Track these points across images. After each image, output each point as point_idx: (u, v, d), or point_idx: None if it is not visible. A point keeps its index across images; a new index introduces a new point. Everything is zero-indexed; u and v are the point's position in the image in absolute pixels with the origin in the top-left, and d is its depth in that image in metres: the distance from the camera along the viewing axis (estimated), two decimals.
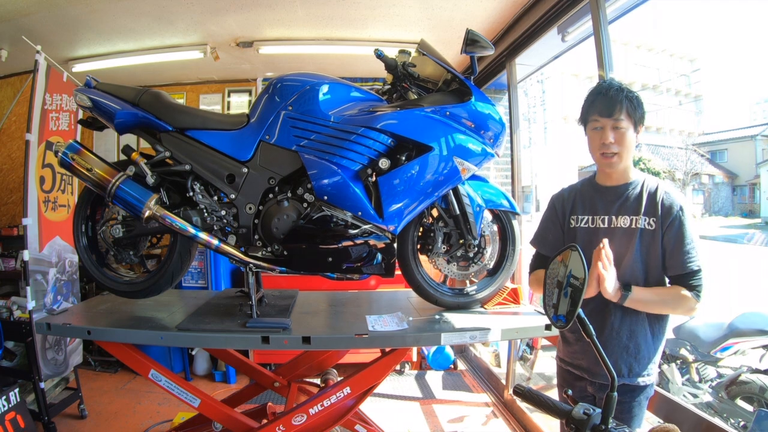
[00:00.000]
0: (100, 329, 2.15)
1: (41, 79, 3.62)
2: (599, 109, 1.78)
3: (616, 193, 1.85)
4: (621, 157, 1.79)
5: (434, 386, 4.75)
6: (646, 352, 1.80)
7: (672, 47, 35.45)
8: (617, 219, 1.82)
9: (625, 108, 1.74)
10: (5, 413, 2.96)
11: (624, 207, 1.82)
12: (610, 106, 1.75)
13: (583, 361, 1.91)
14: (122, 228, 2.28)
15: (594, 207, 1.89)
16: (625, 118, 1.74)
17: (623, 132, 1.76)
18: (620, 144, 1.77)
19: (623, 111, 1.74)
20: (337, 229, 2.10)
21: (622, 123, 1.75)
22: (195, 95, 5.78)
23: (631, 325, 1.80)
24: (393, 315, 2.26)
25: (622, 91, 1.76)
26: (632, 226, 1.79)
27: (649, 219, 1.76)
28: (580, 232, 1.92)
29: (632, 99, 1.75)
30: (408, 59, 2.22)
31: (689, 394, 3.66)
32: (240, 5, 3.72)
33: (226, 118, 2.29)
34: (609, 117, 1.76)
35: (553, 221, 2.02)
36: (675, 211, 1.74)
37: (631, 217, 1.80)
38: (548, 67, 4.47)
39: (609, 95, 1.77)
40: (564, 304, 1.29)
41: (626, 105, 1.74)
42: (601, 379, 1.84)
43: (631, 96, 1.75)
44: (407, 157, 2.06)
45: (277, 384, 2.87)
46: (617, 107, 1.74)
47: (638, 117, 1.77)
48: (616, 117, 1.75)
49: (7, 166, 5.44)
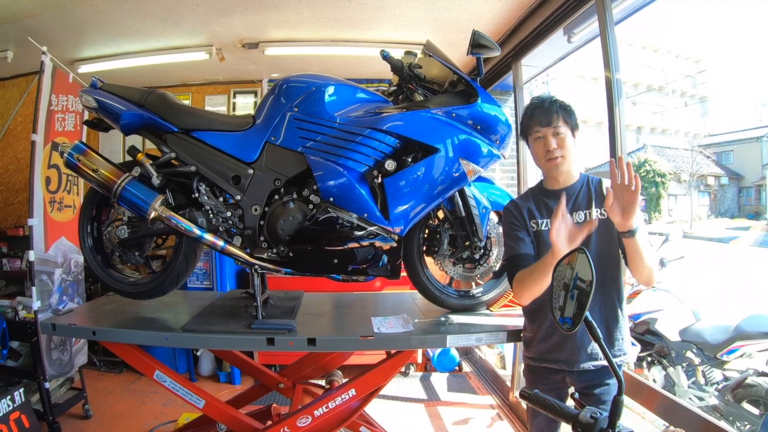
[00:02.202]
0: (105, 330, 2.16)
1: (47, 80, 3.63)
2: (539, 120, 1.93)
3: (566, 193, 1.91)
4: (565, 158, 1.93)
5: (439, 388, 4.74)
6: (617, 333, 1.91)
7: (678, 48, 35.33)
8: (573, 216, 1.89)
9: (561, 116, 1.91)
10: (10, 413, 2.97)
11: (576, 204, 1.94)
12: (548, 115, 1.91)
13: (561, 354, 1.92)
14: (127, 229, 2.28)
15: (549, 209, 1.94)
16: (563, 125, 1.91)
17: (563, 137, 1.91)
18: (562, 148, 1.91)
19: (560, 119, 1.90)
20: (343, 231, 2.09)
21: (560, 129, 1.90)
22: (200, 96, 5.78)
23: (604, 311, 1.90)
24: (398, 317, 2.25)
25: (556, 103, 1.93)
26: (587, 219, 1.90)
27: (601, 209, 1.88)
28: (544, 234, 1.94)
29: (566, 108, 1.93)
30: (414, 60, 2.22)
31: (695, 397, 3.64)
32: (245, 6, 3.73)
33: (232, 119, 2.29)
34: (548, 126, 1.91)
35: (517, 225, 2.00)
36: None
37: (585, 211, 1.92)
38: (554, 68, 4.45)
39: (545, 107, 1.93)
40: (570, 306, 1.28)
41: (562, 114, 1.91)
42: (578, 367, 1.90)
43: (565, 105, 1.93)
44: (413, 158, 2.05)
45: (281, 385, 2.86)
46: (554, 116, 1.90)
47: (573, 123, 1.93)
48: (554, 125, 1.90)
49: (13, 166, 5.46)
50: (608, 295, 1.90)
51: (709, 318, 3.89)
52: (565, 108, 1.93)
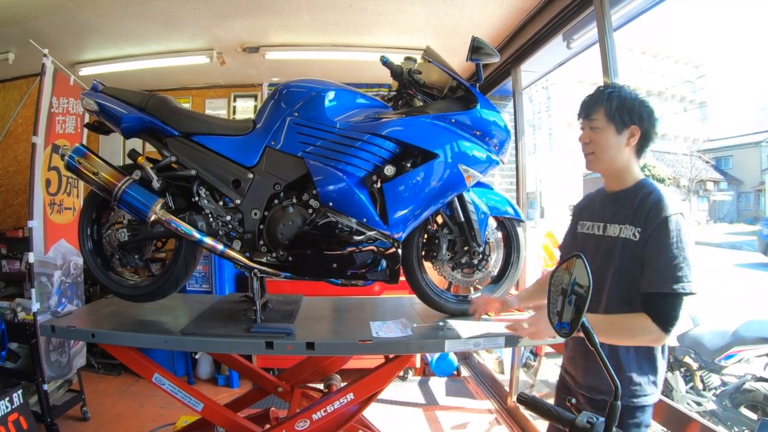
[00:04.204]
0: (104, 332, 2.15)
1: (48, 82, 3.64)
2: (580, 110, 1.82)
3: (614, 199, 1.80)
4: (598, 157, 1.78)
5: (437, 392, 4.74)
6: (627, 369, 1.70)
7: (677, 53, 35.44)
8: (609, 227, 1.78)
9: (604, 108, 1.73)
10: (8, 414, 2.97)
11: (617, 214, 1.76)
12: (588, 106, 1.78)
13: (572, 370, 1.90)
14: (127, 232, 2.28)
15: (595, 213, 1.88)
16: (602, 118, 1.73)
17: (599, 132, 1.74)
18: (596, 144, 1.76)
19: (600, 111, 1.73)
20: (342, 236, 2.10)
21: (597, 123, 1.74)
22: (201, 100, 5.80)
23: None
24: (397, 321, 2.25)
25: (604, 93, 1.75)
26: (619, 235, 1.72)
27: (635, 229, 1.66)
28: (580, 237, 1.93)
29: (616, 100, 1.71)
30: (413, 66, 2.22)
31: (693, 402, 3.65)
32: (246, 11, 3.74)
33: (232, 123, 2.30)
34: (586, 118, 1.78)
35: (569, 227, 2.05)
36: (660, 218, 1.60)
37: (620, 226, 1.73)
38: (553, 73, 4.47)
39: (592, 96, 1.79)
40: (568, 311, 1.29)
41: (605, 105, 1.72)
42: (585, 391, 1.81)
43: (622, 96, 1.72)
44: (412, 164, 2.06)
45: (280, 389, 2.86)
46: (594, 107, 1.75)
47: (620, 119, 1.71)
48: (592, 117, 1.76)
49: (14, 168, 5.47)
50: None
51: (708, 323, 3.89)
52: (611, 100, 1.71)
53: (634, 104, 1.70)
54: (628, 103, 1.70)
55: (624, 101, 1.70)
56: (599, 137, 1.74)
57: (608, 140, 1.73)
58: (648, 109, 1.71)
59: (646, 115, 1.70)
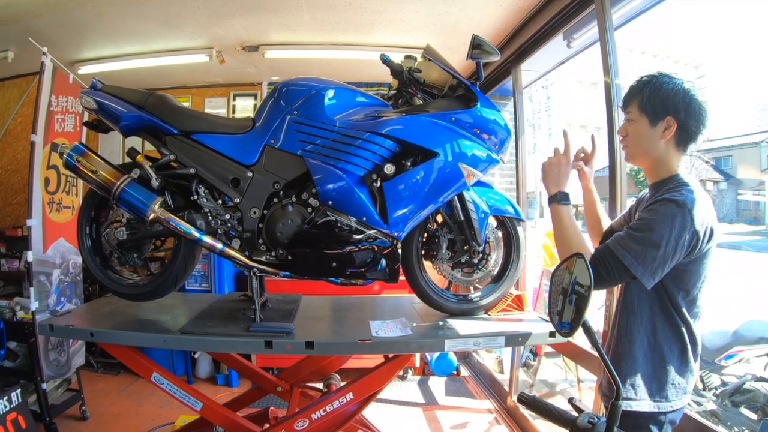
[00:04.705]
0: (102, 331, 2.15)
1: (47, 80, 3.64)
2: (622, 102, 1.76)
3: (650, 191, 1.74)
4: (631, 151, 1.73)
5: (437, 392, 4.74)
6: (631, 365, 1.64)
7: (677, 53, 35.49)
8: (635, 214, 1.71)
9: (637, 100, 1.66)
10: (7, 413, 2.97)
11: (642, 208, 1.68)
12: (626, 98, 1.73)
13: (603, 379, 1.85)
14: (126, 230, 2.27)
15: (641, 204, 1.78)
16: (635, 110, 1.67)
17: (633, 124, 1.68)
18: (630, 137, 1.71)
19: (633, 103, 1.68)
20: (342, 234, 2.09)
21: (631, 115, 1.69)
22: (200, 99, 5.79)
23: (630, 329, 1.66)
24: (397, 321, 2.25)
25: (641, 84, 1.68)
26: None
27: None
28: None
29: (649, 90, 1.63)
30: (413, 64, 2.22)
31: (693, 402, 3.64)
32: (246, 9, 3.74)
33: (232, 122, 2.29)
34: (623, 109, 1.74)
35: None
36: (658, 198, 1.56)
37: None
38: (553, 73, 4.47)
39: (631, 87, 1.72)
40: (569, 311, 1.28)
41: (638, 96, 1.66)
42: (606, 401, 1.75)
43: (652, 87, 1.63)
44: (412, 162, 2.05)
45: (279, 388, 2.86)
46: (629, 99, 1.70)
47: (653, 111, 1.63)
48: (627, 109, 1.71)
49: (13, 166, 5.46)
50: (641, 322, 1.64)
51: (708, 323, 3.89)
52: (652, 90, 1.63)
53: (669, 94, 1.61)
54: (663, 92, 1.62)
55: (658, 91, 1.62)
56: (633, 129, 1.69)
57: (641, 133, 1.67)
58: (687, 98, 1.60)
59: (684, 106, 1.60)
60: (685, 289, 1.58)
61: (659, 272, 1.49)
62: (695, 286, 1.59)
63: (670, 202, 1.49)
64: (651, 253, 1.47)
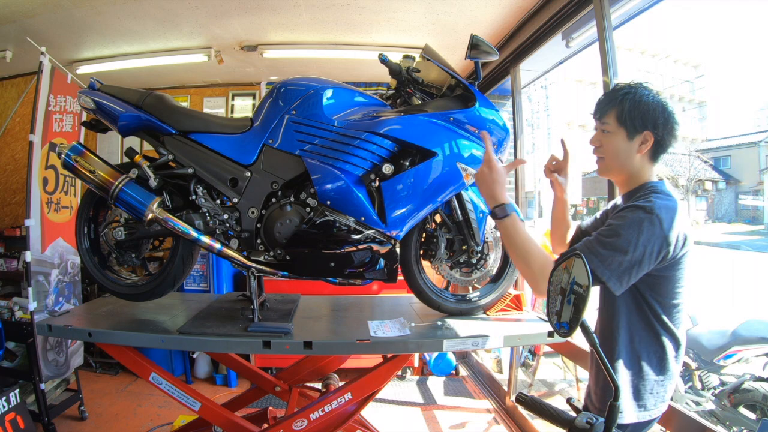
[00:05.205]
0: (101, 331, 2.15)
1: (45, 80, 3.63)
2: (594, 109, 1.67)
3: (623, 199, 1.69)
4: (606, 164, 1.65)
5: (436, 392, 4.73)
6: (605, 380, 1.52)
7: (676, 53, 35.47)
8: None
9: (615, 111, 1.57)
10: (5, 414, 2.96)
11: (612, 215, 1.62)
12: (600, 107, 1.63)
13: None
14: (124, 230, 2.27)
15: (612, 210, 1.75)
16: (613, 122, 1.58)
17: (609, 136, 1.60)
18: (605, 149, 1.63)
19: (611, 113, 1.58)
20: (340, 234, 2.09)
21: (608, 126, 1.60)
22: (199, 98, 5.79)
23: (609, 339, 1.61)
24: (395, 321, 2.25)
25: (618, 93, 1.59)
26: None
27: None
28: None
29: (629, 102, 1.55)
30: (412, 64, 2.22)
31: (692, 401, 3.64)
32: (245, 9, 3.73)
33: (230, 121, 2.29)
34: (597, 119, 1.64)
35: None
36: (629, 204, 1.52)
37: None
38: (552, 72, 4.47)
39: (606, 95, 1.64)
40: (567, 311, 1.28)
41: (617, 108, 1.57)
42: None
43: (632, 99, 1.56)
44: (411, 162, 2.05)
45: (278, 388, 2.86)
46: (606, 109, 1.60)
47: (632, 124, 1.56)
48: (603, 120, 1.61)
49: (11, 167, 5.46)
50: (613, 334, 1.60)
51: (706, 323, 3.89)
52: (632, 102, 1.55)
53: (650, 108, 1.55)
54: (643, 106, 1.55)
55: (638, 104, 1.55)
56: (609, 142, 1.61)
57: (618, 146, 1.59)
58: (666, 113, 1.55)
59: (663, 121, 1.54)
60: (663, 296, 1.54)
61: (627, 278, 1.45)
62: (673, 292, 1.54)
63: (638, 209, 1.46)
64: (618, 258, 1.43)
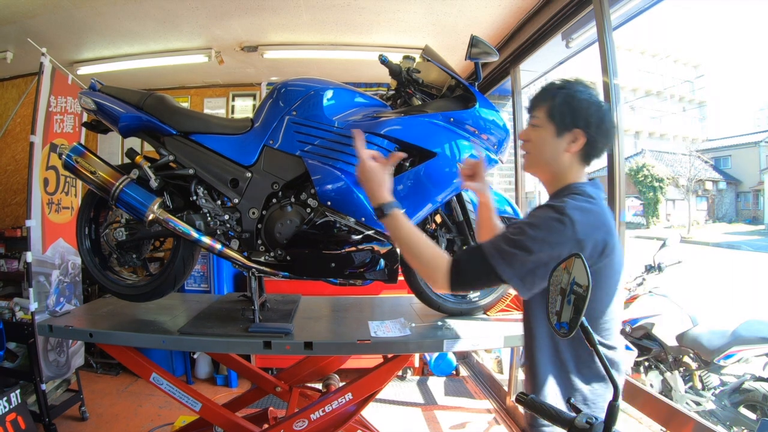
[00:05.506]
0: (102, 332, 2.15)
1: (46, 81, 3.64)
2: (528, 102, 1.60)
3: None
4: (532, 159, 1.57)
5: (436, 392, 4.73)
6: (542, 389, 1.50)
7: (676, 53, 35.49)
8: None
9: (546, 106, 1.49)
10: (6, 414, 2.96)
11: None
12: (534, 100, 1.55)
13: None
14: (125, 231, 2.28)
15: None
16: (542, 116, 1.50)
17: (537, 130, 1.52)
18: (533, 143, 1.54)
19: (542, 108, 1.50)
20: (341, 235, 2.09)
21: (537, 120, 1.52)
22: (199, 99, 5.79)
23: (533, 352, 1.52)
24: (395, 321, 2.25)
25: (553, 88, 1.51)
26: None
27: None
28: None
29: (561, 97, 1.48)
30: (412, 65, 2.22)
31: (692, 402, 3.65)
32: (245, 10, 3.73)
33: (230, 122, 2.29)
34: (529, 112, 1.57)
35: None
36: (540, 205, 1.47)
37: None
38: (552, 73, 4.47)
39: (540, 89, 1.56)
40: (567, 311, 1.28)
41: (548, 103, 1.49)
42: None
43: (565, 94, 1.48)
44: (411, 163, 2.05)
45: (278, 388, 2.86)
46: (537, 102, 1.53)
47: (561, 120, 1.47)
48: (533, 113, 1.54)
49: (12, 167, 5.46)
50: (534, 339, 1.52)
51: (707, 323, 3.90)
52: (564, 97, 1.47)
53: (582, 105, 1.46)
54: (576, 102, 1.46)
55: (570, 100, 1.47)
56: (537, 136, 1.53)
57: (544, 141, 1.51)
58: (600, 113, 1.47)
59: (596, 121, 1.46)
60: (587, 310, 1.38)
61: (531, 278, 1.37)
62: (600, 306, 1.43)
63: (549, 208, 1.39)
64: (521, 256, 1.35)
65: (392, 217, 1.49)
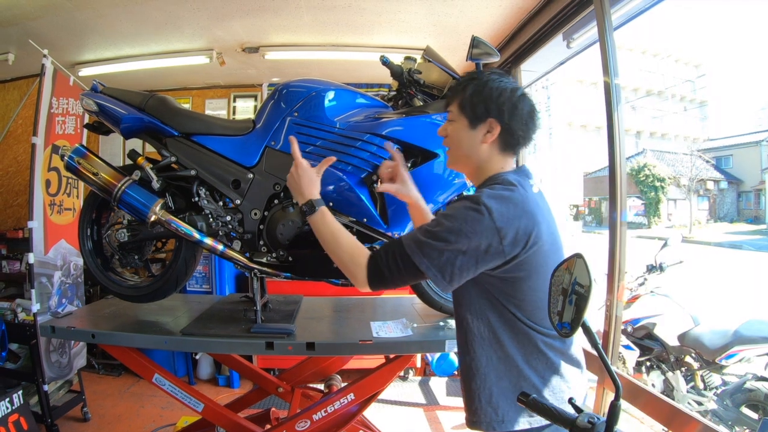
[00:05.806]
0: (104, 333, 2.16)
1: (48, 82, 3.64)
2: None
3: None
4: (450, 155, 1.57)
5: (438, 392, 4.73)
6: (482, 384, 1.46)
7: (677, 53, 35.43)
8: None
9: (458, 99, 1.48)
10: (8, 415, 2.97)
11: None
12: (449, 96, 1.55)
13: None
14: (127, 232, 2.28)
15: None
16: (455, 109, 1.49)
17: (452, 125, 1.51)
18: (450, 138, 1.54)
19: (455, 101, 1.50)
20: None
21: (451, 115, 1.52)
22: (201, 100, 5.79)
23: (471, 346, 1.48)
24: (397, 321, 2.25)
25: (464, 81, 1.50)
26: None
27: None
28: None
29: (472, 88, 1.46)
30: (413, 66, 2.21)
31: (694, 401, 3.64)
32: (246, 11, 3.74)
33: (232, 123, 2.29)
34: (445, 108, 1.59)
35: None
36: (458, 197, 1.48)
37: None
38: (553, 73, 4.47)
39: (456, 83, 1.55)
40: (569, 311, 1.28)
41: (460, 95, 1.48)
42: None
43: (476, 85, 1.46)
44: (413, 163, 2.05)
45: (280, 389, 2.86)
46: (451, 97, 1.53)
47: (473, 111, 1.45)
48: (448, 108, 1.54)
49: (14, 168, 5.46)
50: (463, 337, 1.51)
51: (708, 323, 3.89)
52: (474, 87, 1.46)
53: (493, 94, 1.43)
54: (486, 91, 1.44)
55: (481, 90, 1.45)
56: (453, 131, 1.52)
57: (460, 135, 1.49)
58: (513, 99, 1.44)
59: (509, 108, 1.43)
60: (519, 300, 1.41)
61: (450, 270, 1.34)
62: (531, 295, 1.41)
63: (465, 199, 1.36)
64: (438, 246, 1.33)
65: (320, 213, 1.59)
